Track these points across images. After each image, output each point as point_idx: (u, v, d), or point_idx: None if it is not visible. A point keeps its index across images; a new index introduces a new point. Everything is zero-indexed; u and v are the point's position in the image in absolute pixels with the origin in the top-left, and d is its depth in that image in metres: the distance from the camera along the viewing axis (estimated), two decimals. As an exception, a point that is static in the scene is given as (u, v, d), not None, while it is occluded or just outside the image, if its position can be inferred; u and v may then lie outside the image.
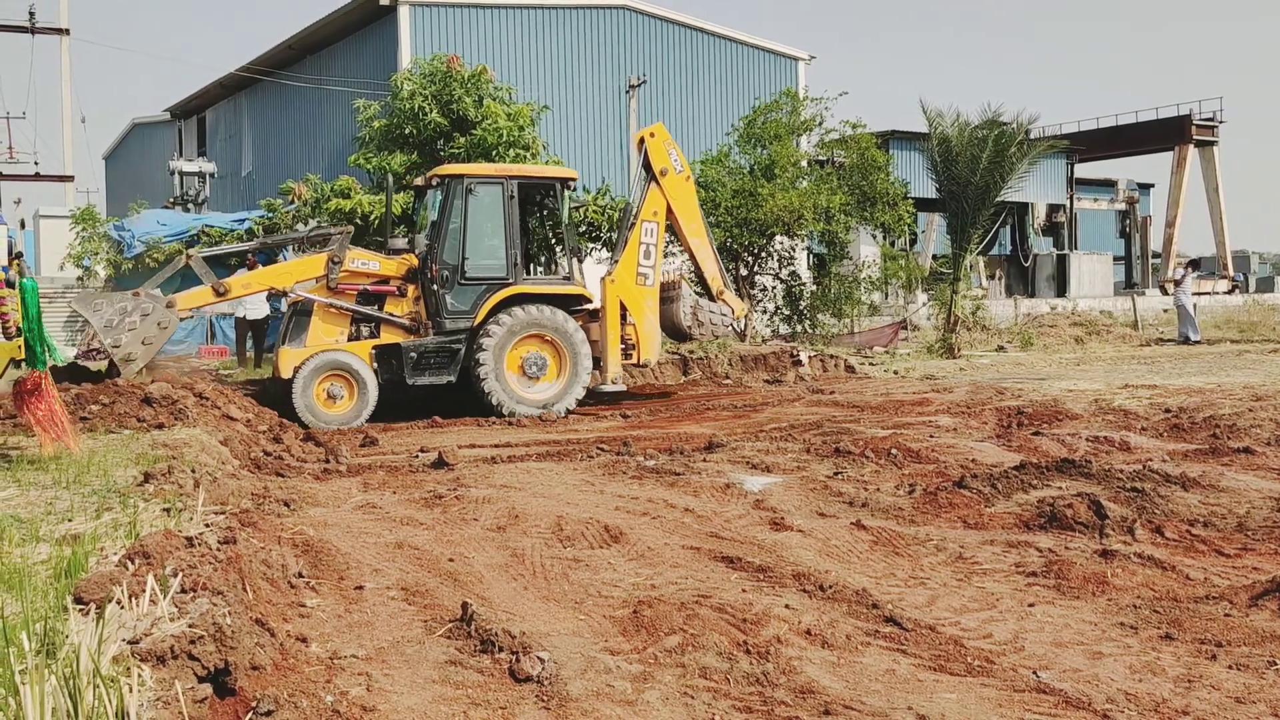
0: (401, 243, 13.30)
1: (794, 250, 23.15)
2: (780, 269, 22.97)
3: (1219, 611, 4.45)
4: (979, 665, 3.94)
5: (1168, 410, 10.71)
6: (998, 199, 21.51)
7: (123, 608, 3.37)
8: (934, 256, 34.77)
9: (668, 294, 14.29)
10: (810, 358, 17.38)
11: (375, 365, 12.45)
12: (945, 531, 6.10)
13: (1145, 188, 54.54)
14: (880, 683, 3.81)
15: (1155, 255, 49.40)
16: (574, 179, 14.11)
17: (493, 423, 12.16)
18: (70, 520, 5.39)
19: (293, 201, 18.95)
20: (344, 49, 30.84)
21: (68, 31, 31.54)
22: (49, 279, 21.09)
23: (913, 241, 32.78)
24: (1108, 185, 50.60)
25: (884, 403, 12.88)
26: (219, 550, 4.46)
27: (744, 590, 4.94)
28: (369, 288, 12.72)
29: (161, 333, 11.78)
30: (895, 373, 17.21)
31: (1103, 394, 12.44)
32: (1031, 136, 22.88)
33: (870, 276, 23.53)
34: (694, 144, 29.37)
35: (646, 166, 14.17)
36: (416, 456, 9.31)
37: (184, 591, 3.66)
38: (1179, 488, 6.82)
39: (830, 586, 4.90)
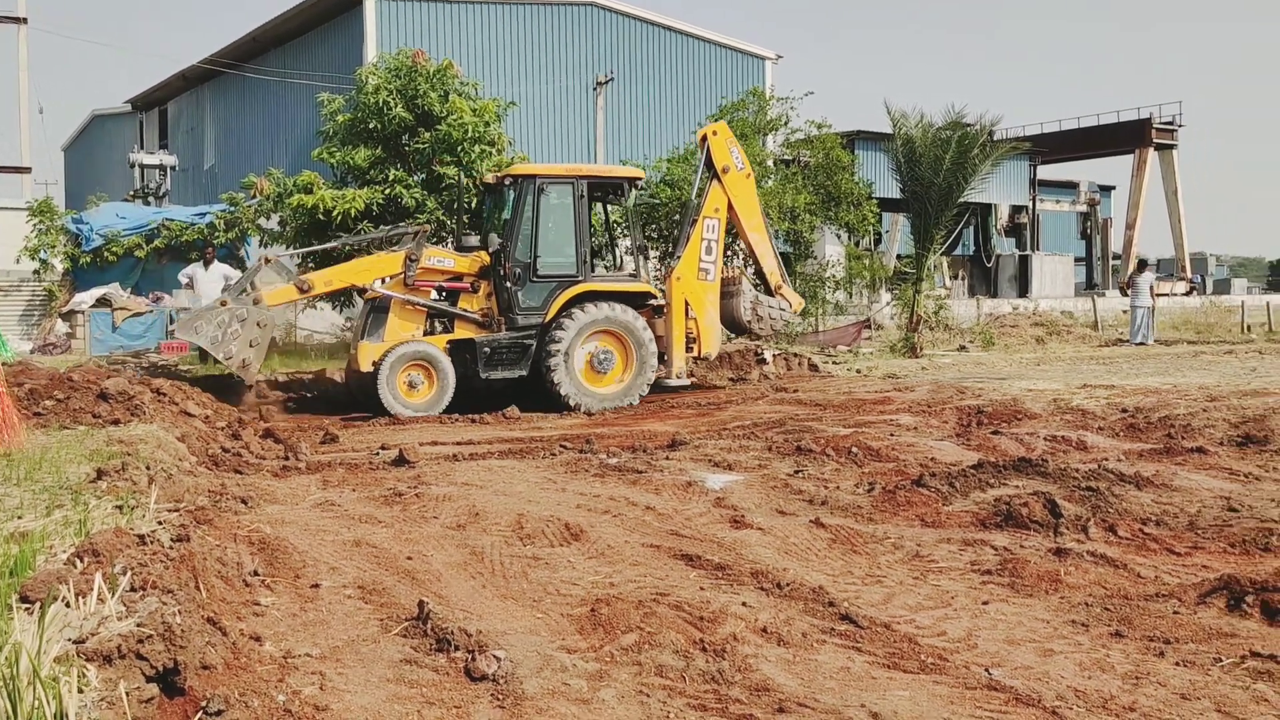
0: (474, 240, 13.51)
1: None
2: (745, 267, 23.01)
3: (1168, 609, 4.51)
4: (932, 663, 3.97)
5: (1124, 410, 10.84)
6: (961, 200, 21.67)
7: (69, 607, 3.33)
8: (898, 256, 35.02)
9: (728, 289, 14.63)
10: (774, 356, 17.44)
11: (450, 358, 12.78)
12: (903, 529, 6.15)
13: (1106, 190, 55.27)
14: (835, 680, 3.83)
15: (1116, 257, 50.01)
16: (641, 178, 14.44)
17: (455, 420, 12.12)
18: (20, 518, 5.31)
19: (255, 196, 18.74)
20: (309, 42, 30.59)
21: (25, 20, 30.99)
22: (4, 272, 20.73)
23: (877, 241, 32.99)
24: (1069, 187, 51.21)
25: (846, 401, 12.95)
26: (172, 548, 4.40)
27: (702, 588, 4.95)
28: (443, 284, 13.11)
29: (264, 330, 12.30)
30: (858, 371, 17.31)
31: (1061, 394, 12.58)
32: (994, 138, 23.06)
33: (835, 276, 23.64)
34: (660, 142, 29.40)
35: (708, 164, 14.46)
36: (377, 454, 9.25)
37: (133, 590, 3.62)
38: (1133, 487, 6.92)
39: (788, 584, 4.92)
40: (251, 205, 19.21)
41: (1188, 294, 40.85)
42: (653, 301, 13.79)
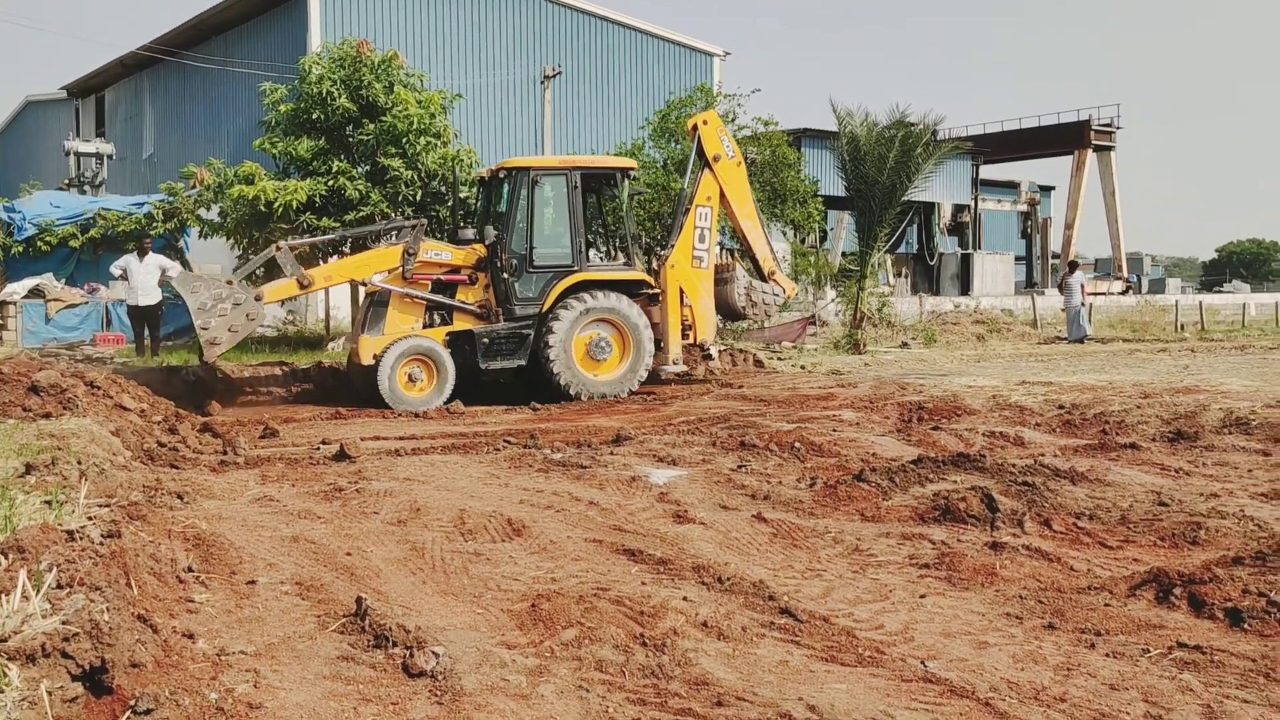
0: (470, 233, 13.57)
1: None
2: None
3: (1099, 601, 4.60)
4: (869, 656, 4.01)
5: (1061, 406, 11.04)
6: (904, 198, 21.90)
7: (-8, 605, 3.24)
8: (843, 254, 35.31)
9: (721, 275, 14.85)
10: (720, 352, 17.50)
11: (449, 350, 12.89)
12: (843, 524, 6.21)
13: (1046, 190, 56.22)
14: (773, 674, 3.85)
15: (1055, 256, 50.92)
16: (633, 168, 14.70)
17: (398, 415, 12.01)
18: (-56, 513, 5.17)
19: (194, 186, 18.40)
20: (251, 31, 30.12)
21: (-45, 3, 30.15)
22: (-67, 262, 20.19)
23: (823, 238, 33.24)
24: (1011, 187, 52.02)
25: (790, 397, 13.05)
26: (102, 544, 4.31)
27: (643, 583, 4.96)
28: (441, 277, 13.21)
29: (248, 323, 12.20)
30: (803, 368, 17.45)
31: (1000, 390, 12.78)
32: (938, 138, 23.33)
33: (780, 272, 23.77)
34: (608, 137, 29.39)
35: (700, 153, 14.70)
36: (318, 449, 9.13)
37: (60, 587, 3.54)
38: (1068, 482, 7.05)
39: (729, 579, 4.94)
40: (191, 196, 18.85)
41: (1124, 293, 41.73)
42: (647, 290, 13.95)
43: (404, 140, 16.65)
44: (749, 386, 14.46)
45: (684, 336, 14.21)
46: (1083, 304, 24.51)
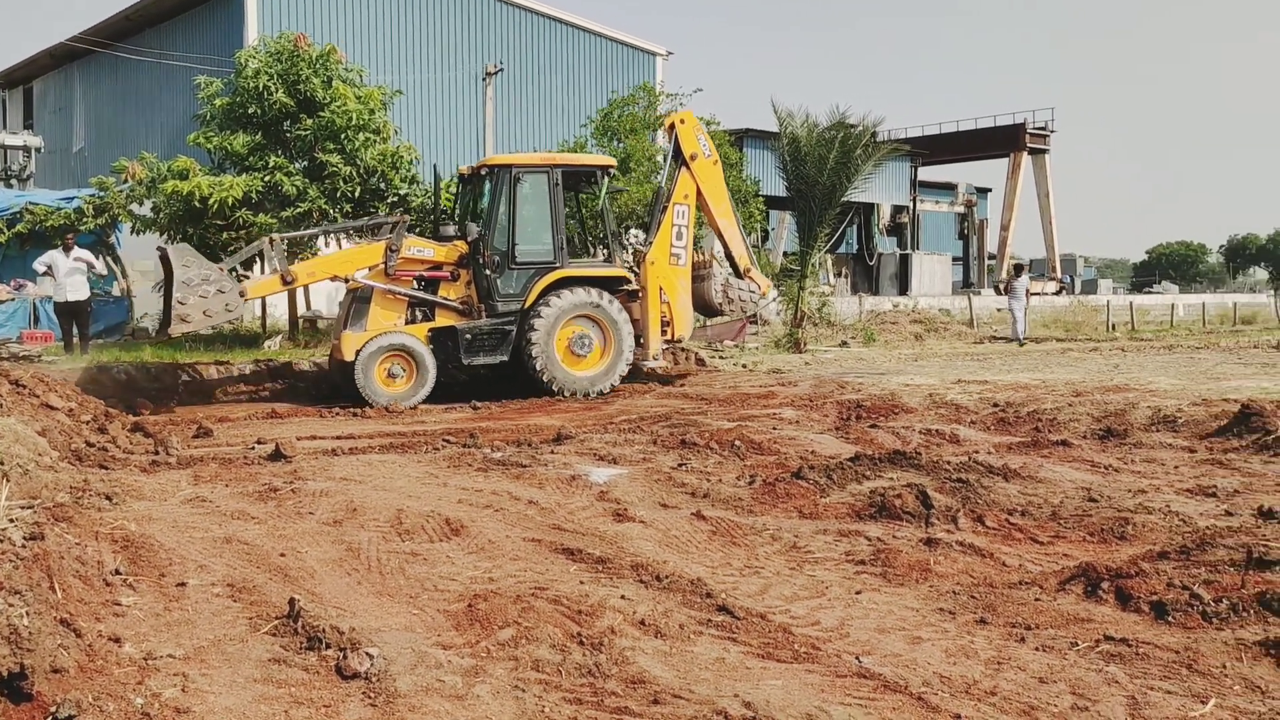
0: (452, 230, 13.56)
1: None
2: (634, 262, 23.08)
3: (1030, 596, 4.68)
4: (805, 652, 4.04)
5: (995, 405, 11.22)
6: (844, 199, 22.11)
7: (-93, 610, 3.14)
8: (784, 254, 35.58)
9: (699, 272, 15.02)
10: (662, 350, 17.53)
11: (431, 347, 12.89)
12: (782, 521, 6.25)
13: (983, 192, 57.13)
14: (710, 671, 3.87)
15: (991, 257, 51.77)
16: (613, 166, 14.82)
17: (336, 414, 11.87)
18: None
19: (126, 181, 18.00)
20: (186, 23, 29.56)
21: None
22: None
23: (764, 239, 33.48)
24: (948, 188, 52.79)
25: (731, 395, 13.11)
26: (24, 547, 4.20)
27: (582, 582, 4.95)
28: (424, 274, 13.22)
29: (224, 313, 12.05)
30: (744, 366, 17.53)
31: (937, 389, 12.95)
32: (877, 139, 23.58)
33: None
34: (550, 135, 29.31)
35: (676, 152, 14.80)
36: (252, 448, 8.99)
37: (-21, 592, 3.44)
38: (1001, 479, 7.16)
39: (667, 577, 4.95)
40: (123, 190, 18.44)
41: (1057, 293, 42.53)
42: (626, 286, 14.03)
43: (342, 136, 16.46)
44: (690, 385, 14.50)
45: (662, 333, 14.36)
46: (1025, 306, 24.66)
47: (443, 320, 13.17)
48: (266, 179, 16.19)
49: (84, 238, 18.41)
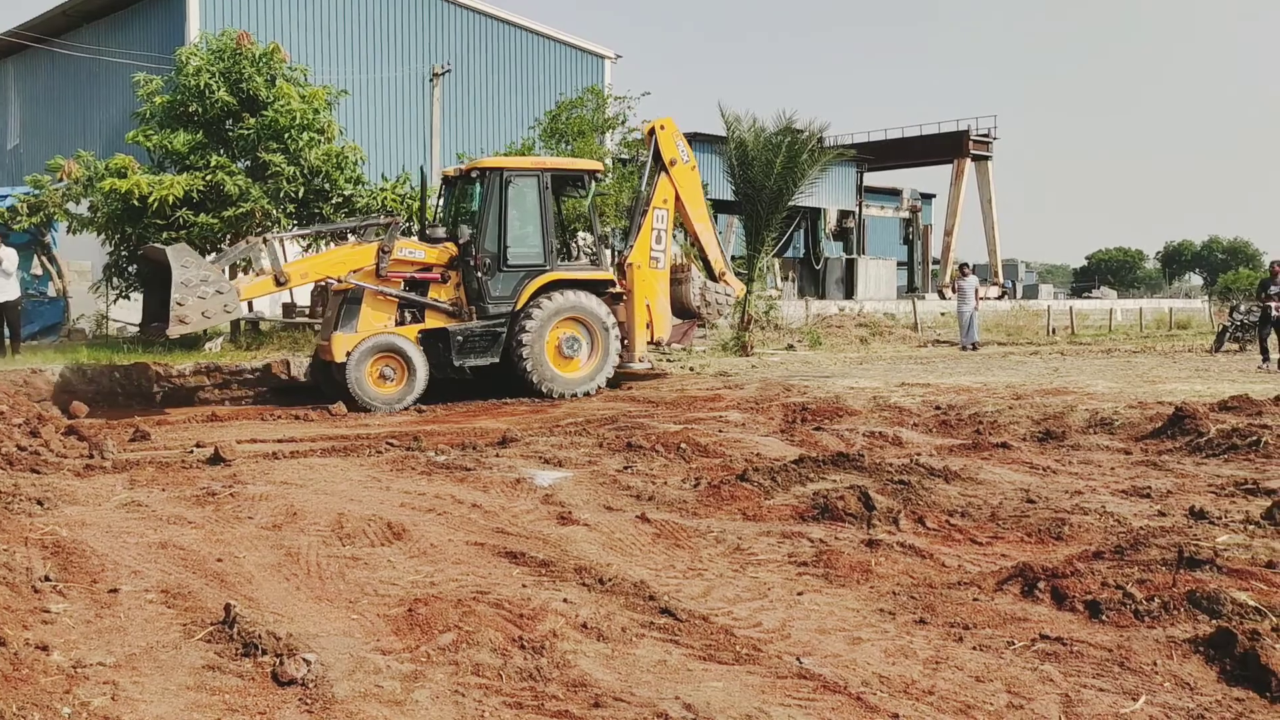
0: (441, 232, 13.60)
1: (596, 247, 23.29)
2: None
3: (968, 596, 4.74)
4: (747, 653, 4.06)
5: (938, 407, 11.36)
6: (790, 203, 22.24)
7: None
8: (732, 257, 35.72)
9: (677, 276, 15.26)
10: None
11: (421, 348, 12.93)
12: (725, 523, 6.26)
13: (928, 197, 57.84)
14: (651, 674, 3.86)
15: (935, 261, 52.41)
16: (600, 170, 14.99)
17: (278, 417, 11.71)
18: None
19: (62, 179, 17.62)
20: (126, 19, 29.00)
21: None
22: None
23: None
24: (894, 194, 53.36)
25: (678, 398, 13.14)
26: (-52, 553, 4.08)
27: (524, 585, 4.92)
28: (415, 275, 13.19)
29: (222, 314, 11.96)
30: (691, 369, 17.56)
31: (881, 391, 13.07)
32: (823, 144, 23.76)
33: (670, 275, 23.90)
34: (498, 136, 29.16)
35: (656, 157, 14.98)
36: (191, 452, 8.84)
37: (-101, 599, 3.33)
38: (942, 480, 7.25)
39: (610, 580, 4.94)
40: (58, 189, 18.04)
41: (1000, 298, 43.15)
42: (611, 289, 14.20)
43: (286, 135, 16.25)
44: (637, 388, 14.51)
45: None
46: (975, 309, 23.96)
47: (432, 322, 13.19)
48: (208, 178, 15.93)
49: (18, 237, 17.96)
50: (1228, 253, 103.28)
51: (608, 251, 15.30)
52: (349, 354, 12.37)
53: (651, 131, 15.18)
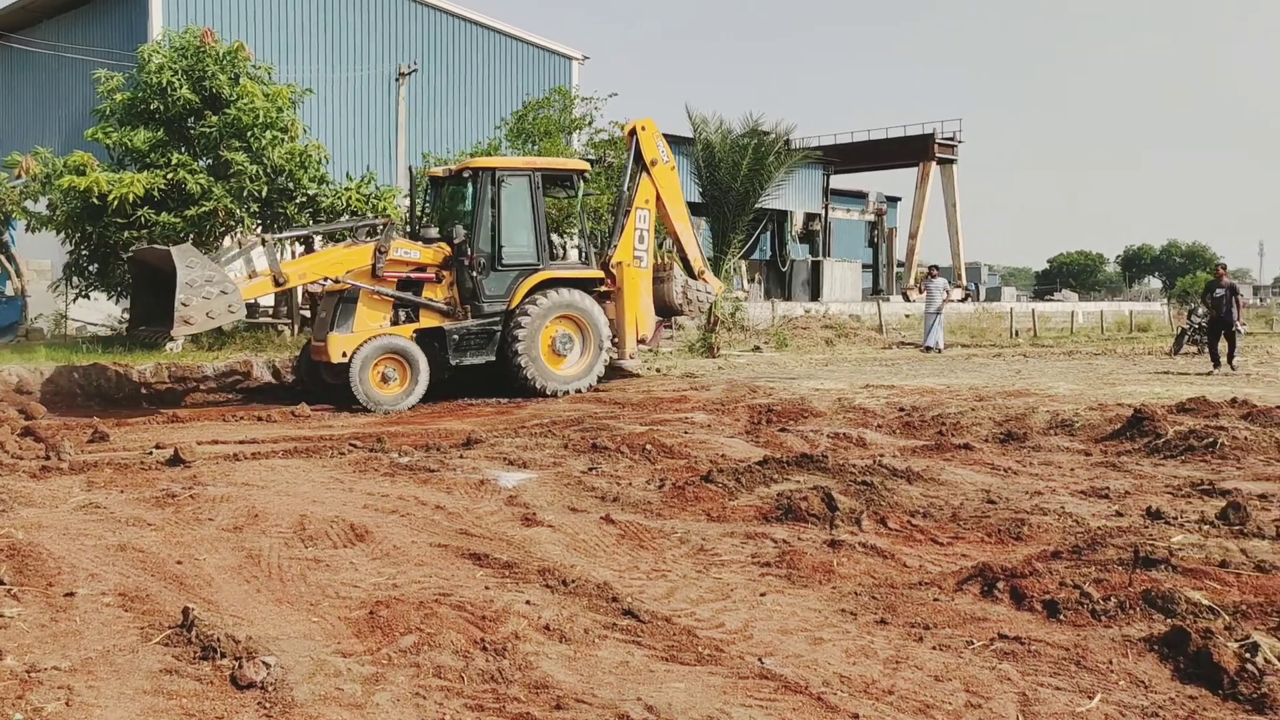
0: (434, 232, 13.67)
1: (564, 248, 23.27)
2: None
3: (929, 596, 4.78)
4: (709, 654, 4.07)
5: (901, 409, 11.44)
6: (757, 205, 22.37)
7: None
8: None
9: (659, 274, 15.46)
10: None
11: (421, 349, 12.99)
12: (690, 524, 6.28)
13: (893, 200, 58.27)
14: (614, 675, 3.86)
15: (900, 264, 52.80)
16: (588, 170, 15.20)
17: (239, 418, 11.59)
18: None
19: (20, 176, 17.36)
20: (87, 15, 28.65)
21: None
22: None
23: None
24: (859, 197, 53.70)
25: (644, 400, 13.15)
26: (-101, 557, 4.01)
27: (487, 587, 4.91)
28: (410, 275, 13.23)
29: (227, 314, 11.99)
30: (658, 370, 17.58)
31: (846, 393, 13.16)
32: (790, 146, 23.87)
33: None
34: (464, 137, 29.05)
35: (637, 158, 15.15)
36: (150, 453, 8.73)
37: None
38: (904, 481, 7.31)
39: (573, 581, 4.93)
40: (15, 186, 17.78)
41: (963, 300, 43.54)
42: (599, 288, 14.38)
43: (249, 134, 16.11)
44: (604, 389, 14.50)
45: None
46: (939, 311, 23.82)
47: (427, 321, 13.25)
48: (169, 177, 15.76)
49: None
50: (1186, 256, 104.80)
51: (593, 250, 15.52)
52: (346, 355, 12.39)
53: (633, 132, 15.31)
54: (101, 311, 19.62)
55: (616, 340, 14.46)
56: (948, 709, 3.55)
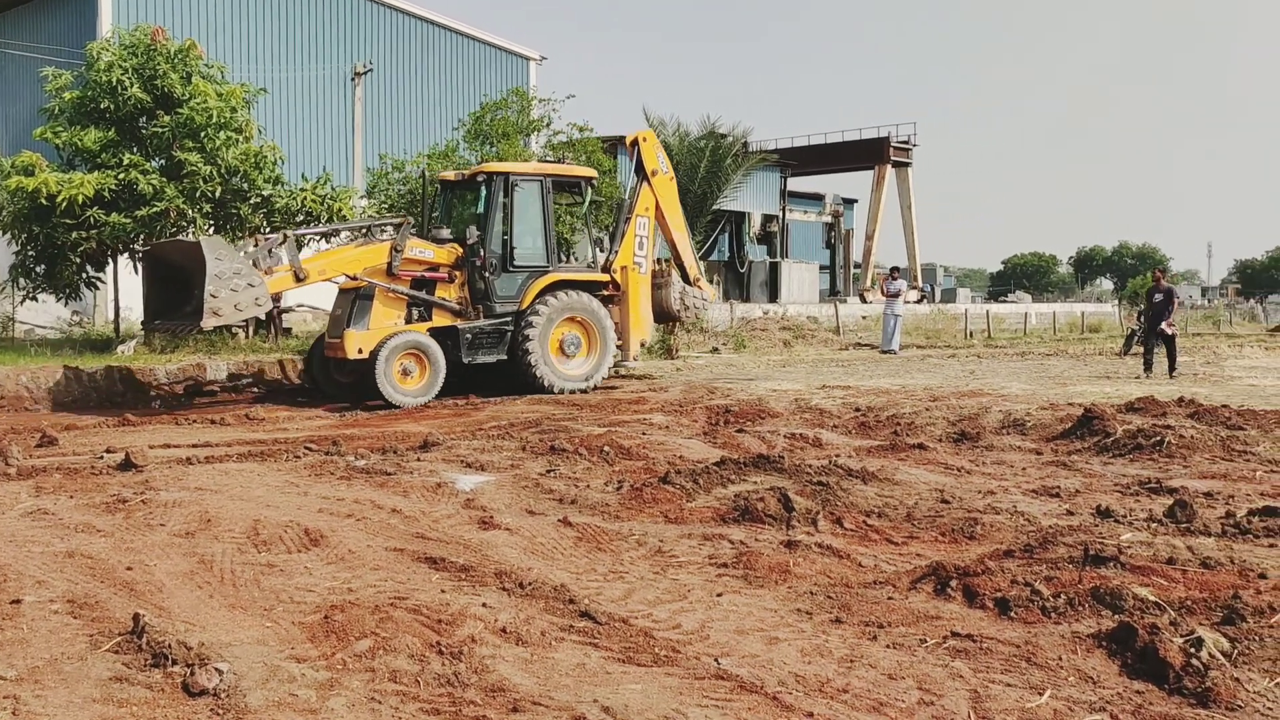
0: (445, 233, 14.08)
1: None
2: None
3: (883, 595, 4.83)
4: (665, 655, 4.08)
5: (857, 409, 11.54)
6: (715, 207, 22.53)
7: None
8: (657, 260, 35.83)
9: (657, 281, 15.96)
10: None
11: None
12: (648, 526, 6.29)
13: (850, 202, 58.72)
14: (570, 677, 3.86)
15: (857, 265, 53.21)
16: (595, 176, 15.81)
17: (193, 421, 11.45)
18: None
19: (-35, 176, 17.01)
20: (34, 12, 28.18)
21: None
22: None
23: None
24: (816, 199, 54.07)
25: (603, 401, 13.16)
26: None
27: (443, 591, 4.89)
28: (423, 274, 13.59)
29: (254, 307, 12.18)
30: (616, 372, 17.59)
31: (802, 394, 13.25)
32: (748, 149, 24.01)
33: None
34: (421, 137, 28.90)
35: (639, 168, 15.65)
36: (101, 458, 8.60)
37: None
38: (860, 481, 7.37)
39: (530, 584, 4.93)
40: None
41: (919, 302, 43.97)
42: (604, 291, 14.81)
43: (203, 134, 15.92)
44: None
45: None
46: (898, 313, 23.90)
47: (439, 320, 13.59)
48: (120, 177, 15.53)
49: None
50: (1136, 258, 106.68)
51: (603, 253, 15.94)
52: (363, 351, 12.70)
53: (634, 143, 15.80)
54: (50, 314, 19.31)
55: (621, 343, 14.86)
56: (901, 707, 3.59)
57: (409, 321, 13.46)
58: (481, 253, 13.62)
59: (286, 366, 15.38)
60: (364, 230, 14.86)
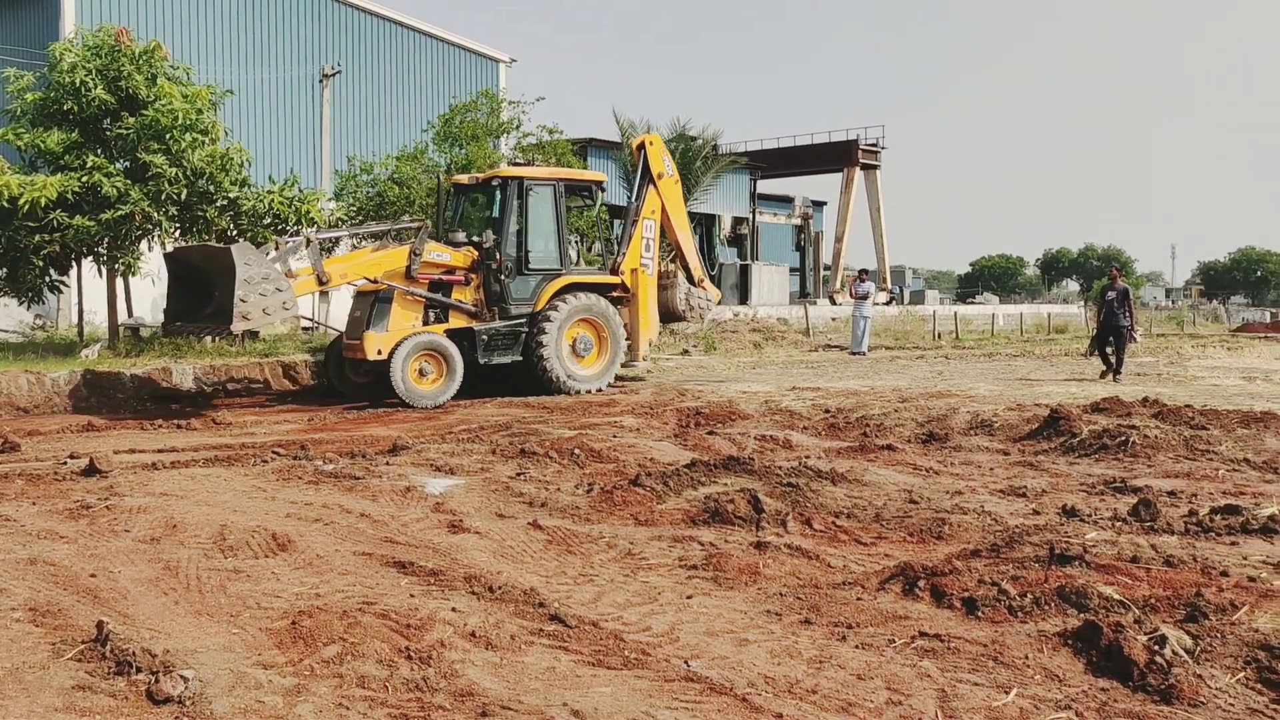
0: (460, 236, 14.40)
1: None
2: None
3: (852, 596, 4.85)
4: (635, 658, 4.08)
5: (827, 410, 11.59)
6: (686, 209, 22.44)
7: None
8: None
9: (663, 282, 16.23)
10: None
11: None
12: (618, 528, 6.29)
13: (819, 205, 58.99)
14: (540, 681, 3.86)
15: (826, 267, 53.46)
16: (604, 180, 15.91)
17: (158, 425, 11.33)
18: None
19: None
20: (-6, 11, 27.76)
21: None
22: None
23: (608, 248, 33.62)
24: (786, 201, 54.28)
25: (573, 404, 13.15)
26: None
27: (412, 595, 4.86)
28: (440, 277, 13.84)
29: (282, 311, 12.32)
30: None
31: (773, 395, 13.29)
32: (718, 151, 24.04)
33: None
34: (390, 139, 28.77)
35: (645, 171, 15.91)
36: (64, 463, 8.49)
37: None
38: (829, 482, 7.40)
39: (500, 588, 4.91)
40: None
41: (888, 303, 44.21)
42: (613, 293, 15.11)
43: (168, 136, 15.73)
44: (533, 393, 14.46)
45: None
46: (867, 315, 23.82)
47: (455, 322, 13.88)
48: (84, 179, 15.33)
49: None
50: (1102, 259, 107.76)
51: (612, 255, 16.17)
52: (382, 352, 12.93)
53: (641, 146, 16.08)
54: (12, 318, 19.04)
55: (630, 343, 15.12)
56: (869, 706, 3.61)
57: (426, 323, 13.70)
58: (498, 256, 13.90)
59: (267, 369, 15.35)
60: (388, 232, 15.10)
